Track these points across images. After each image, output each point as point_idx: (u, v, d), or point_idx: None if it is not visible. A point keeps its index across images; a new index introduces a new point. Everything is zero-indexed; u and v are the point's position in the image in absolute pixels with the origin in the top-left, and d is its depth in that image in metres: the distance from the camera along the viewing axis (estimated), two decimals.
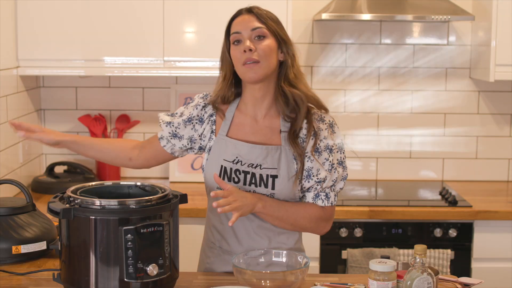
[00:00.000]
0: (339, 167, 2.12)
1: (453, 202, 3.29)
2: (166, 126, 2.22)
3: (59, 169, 3.64)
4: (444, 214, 3.23)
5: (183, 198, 1.96)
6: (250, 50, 2.04)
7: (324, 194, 2.12)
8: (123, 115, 3.75)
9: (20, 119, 3.36)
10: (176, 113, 2.24)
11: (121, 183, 2.06)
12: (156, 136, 2.26)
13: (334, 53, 3.75)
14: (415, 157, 3.83)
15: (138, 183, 2.04)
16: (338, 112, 3.77)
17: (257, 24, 2.07)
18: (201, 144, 2.20)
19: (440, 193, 3.50)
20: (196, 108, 2.20)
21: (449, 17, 3.34)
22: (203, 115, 2.19)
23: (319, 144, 2.09)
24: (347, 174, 2.15)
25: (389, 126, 3.81)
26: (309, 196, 2.13)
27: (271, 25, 2.07)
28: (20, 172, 3.35)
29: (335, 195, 2.14)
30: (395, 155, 3.83)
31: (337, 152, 2.12)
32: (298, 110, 2.10)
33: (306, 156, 2.10)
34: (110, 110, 3.76)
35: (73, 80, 3.72)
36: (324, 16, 3.33)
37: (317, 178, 2.09)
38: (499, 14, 3.37)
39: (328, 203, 2.13)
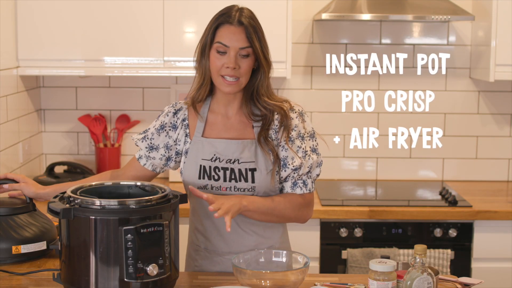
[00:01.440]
0: (312, 153, 2.17)
1: (453, 202, 3.29)
2: (142, 141, 2.25)
3: (59, 169, 3.64)
4: (444, 214, 3.22)
5: (183, 198, 1.96)
6: (234, 68, 2.07)
7: (302, 181, 2.18)
8: (123, 115, 3.75)
9: (20, 119, 3.36)
10: (148, 129, 2.26)
11: (121, 183, 2.06)
12: (134, 158, 2.30)
13: (334, 53, 3.74)
14: (415, 157, 3.83)
15: (138, 183, 2.04)
16: (338, 112, 3.77)
17: (245, 43, 2.08)
18: (177, 149, 2.23)
19: (440, 193, 3.50)
20: (167, 116, 2.23)
21: (449, 17, 3.34)
22: (175, 121, 2.22)
23: (291, 134, 2.14)
24: (322, 161, 2.20)
25: (389, 126, 3.80)
26: (287, 186, 2.18)
27: (256, 47, 2.08)
28: (20, 172, 3.35)
29: (312, 182, 2.20)
30: (395, 155, 3.82)
31: (309, 140, 2.18)
32: (267, 114, 2.15)
33: (280, 146, 2.15)
34: (110, 110, 3.76)
35: (73, 80, 3.72)
36: (324, 16, 3.33)
37: (293, 166, 2.14)
38: (499, 14, 3.37)
39: (306, 190, 2.18)
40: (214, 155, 2.14)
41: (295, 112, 2.18)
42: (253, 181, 2.13)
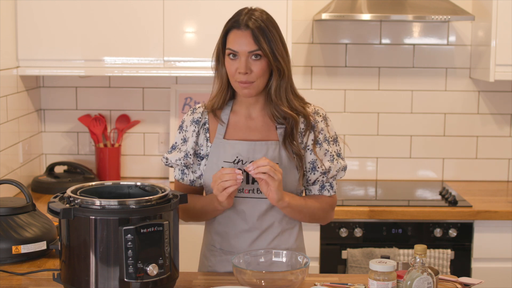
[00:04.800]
0: (338, 157, 2.19)
1: (453, 202, 3.29)
2: (171, 151, 2.21)
3: (59, 169, 3.64)
4: (444, 214, 3.23)
5: (183, 198, 1.95)
6: (246, 73, 2.05)
7: (329, 184, 2.19)
8: (123, 115, 3.75)
9: (20, 119, 3.36)
10: (176, 145, 2.21)
11: (121, 183, 2.06)
12: (175, 183, 2.24)
13: (334, 53, 3.75)
14: (415, 157, 3.83)
15: (138, 183, 2.04)
16: (338, 112, 3.77)
17: (253, 46, 2.03)
18: (200, 153, 2.19)
19: (440, 193, 3.50)
20: (189, 122, 2.19)
21: (449, 17, 3.34)
22: (197, 127, 2.18)
23: (318, 137, 2.14)
24: (346, 165, 2.21)
25: (389, 126, 3.81)
26: (315, 189, 2.19)
27: (265, 49, 2.03)
28: (20, 172, 3.35)
29: (336, 184, 2.23)
30: (395, 155, 3.82)
31: (333, 144, 2.19)
32: (289, 117, 2.12)
33: (308, 149, 2.14)
34: (110, 110, 3.76)
35: (73, 80, 3.72)
36: (324, 16, 3.33)
37: (322, 169, 2.14)
38: (499, 14, 3.37)
39: (332, 191, 2.21)
40: (237, 157, 2.11)
41: (320, 116, 2.17)
42: None
